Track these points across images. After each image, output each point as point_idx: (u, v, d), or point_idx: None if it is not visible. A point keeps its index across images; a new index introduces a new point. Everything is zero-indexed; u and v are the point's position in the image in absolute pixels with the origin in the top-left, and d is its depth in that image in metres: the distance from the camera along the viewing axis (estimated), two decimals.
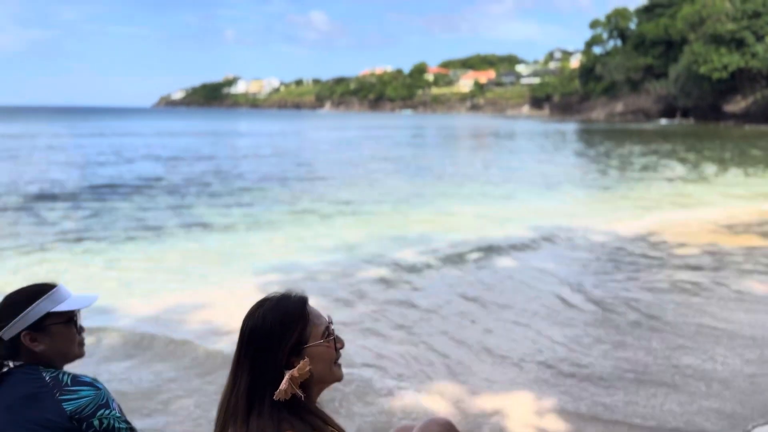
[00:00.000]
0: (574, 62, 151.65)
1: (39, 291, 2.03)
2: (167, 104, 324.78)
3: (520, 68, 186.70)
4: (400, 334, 6.27)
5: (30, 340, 1.97)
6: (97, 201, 15.92)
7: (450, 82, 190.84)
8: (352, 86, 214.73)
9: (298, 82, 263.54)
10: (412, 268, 9.03)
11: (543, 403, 4.68)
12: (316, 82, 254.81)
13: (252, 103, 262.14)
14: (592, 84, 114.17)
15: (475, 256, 9.79)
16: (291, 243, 11.08)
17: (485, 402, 4.71)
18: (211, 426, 1.64)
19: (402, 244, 10.72)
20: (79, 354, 2.12)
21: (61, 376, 1.97)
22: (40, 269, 8.97)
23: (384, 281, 8.38)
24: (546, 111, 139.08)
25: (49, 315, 1.99)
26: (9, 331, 1.95)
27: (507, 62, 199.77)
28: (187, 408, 4.68)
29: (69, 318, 2.05)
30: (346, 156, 32.30)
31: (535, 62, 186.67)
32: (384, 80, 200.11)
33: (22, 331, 1.95)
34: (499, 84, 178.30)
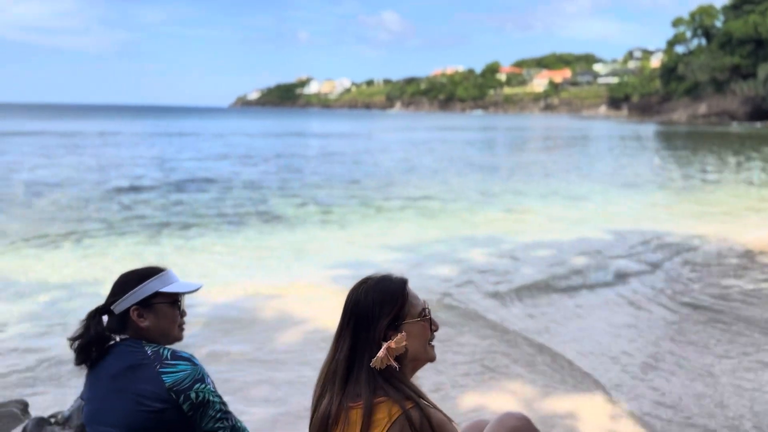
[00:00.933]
0: (655, 62, 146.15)
1: (151, 272, 2.17)
2: (243, 104, 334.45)
3: (598, 67, 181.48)
4: (467, 332, 6.27)
5: (137, 316, 2.10)
6: (179, 194, 16.67)
7: (523, 82, 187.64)
8: (423, 86, 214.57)
9: (369, 83, 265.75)
10: (482, 268, 8.99)
11: (618, 408, 4.58)
12: (386, 82, 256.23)
13: (324, 103, 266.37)
14: (673, 84, 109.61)
15: (547, 257, 9.63)
16: (361, 239, 11.23)
17: (557, 403, 4.65)
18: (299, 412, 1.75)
19: (472, 244, 10.67)
20: (179, 337, 2.26)
21: (161, 350, 2.10)
22: (125, 257, 9.50)
23: (453, 280, 8.37)
24: (624, 112, 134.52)
25: (158, 294, 2.13)
26: (120, 305, 2.10)
27: (584, 61, 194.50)
28: (261, 392, 4.85)
29: (174, 300, 2.19)
30: (417, 156, 32.35)
31: (614, 61, 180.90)
32: (455, 80, 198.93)
33: (132, 306, 2.11)
34: (574, 84, 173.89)
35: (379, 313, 1.68)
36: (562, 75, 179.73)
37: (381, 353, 1.63)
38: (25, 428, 3.21)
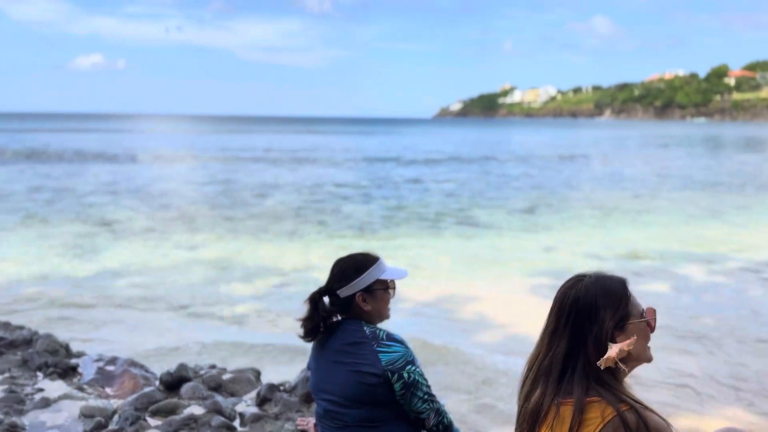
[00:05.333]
0: None
1: (368, 259, 2.42)
2: (446, 115, 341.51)
3: None
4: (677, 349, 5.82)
5: (362, 300, 2.35)
6: (384, 198, 17.64)
7: (756, 87, 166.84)
8: (637, 92, 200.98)
9: (576, 90, 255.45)
10: (700, 284, 8.26)
11: None
12: (595, 89, 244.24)
13: (526, 112, 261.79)
14: None
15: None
16: (565, 248, 10.95)
17: None
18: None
19: (689, 259, 9.83)
20: (388, 316, 2.48)
21: (378, 331, 2.32)
22: (337, 251, 10.33)
23: (668, 295, 7.81)
24: None
25: (377, 281, 2.37)
26: (346, 291, 2.35)
27: None
28: (456, 385, 5.00)
29: (388, 285, 2.42)
30: (628, 167, 30.46)
31: None
32: (674, 85, 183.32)
33: (357, 292, 2.36)
34: None
35: (604, 311, 1.65)
36: None
37: (613, 353, 1.60)
38: (259, 392, 3.70)
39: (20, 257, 9.90)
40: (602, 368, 1.60)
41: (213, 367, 4.31)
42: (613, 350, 1.60)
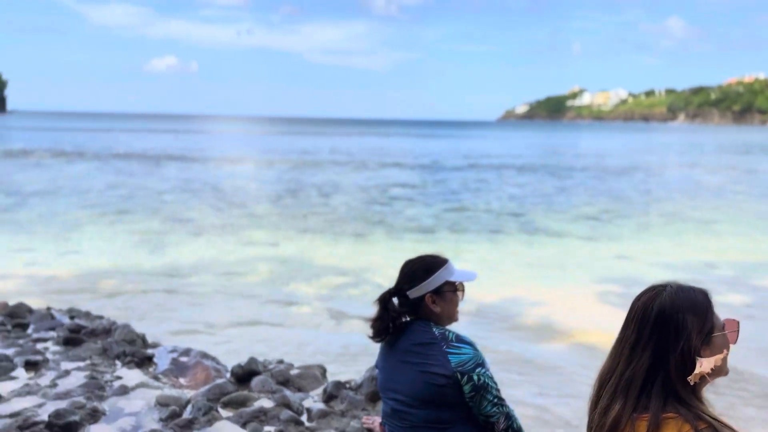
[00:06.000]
0: None
1: (437, 261, 2.41)
2: (510, 118, 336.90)
3: None
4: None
5: (431, 302, 2.33)
6: (446, 199, 17.58)
7: None
8: (713, 96, 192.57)
9: (649, 93, 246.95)
10: None
11: None
12: (669, 92, 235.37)
13: (596, 115, 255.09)
14: None
15: None
16: (636, 256, 10.63)
17: None
18: None
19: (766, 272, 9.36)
20: (457, 318, 2.47)
21: (447, 333, 2.32)
22: (402, 252, 10.37)
23: (743, 308, 7.46)
24: None
25: (446, 283, 2.36)
26: (416, 292, 2.34)
27: None
28: (523, 392, 4.93)
29: (456, 287, 2.41)
30: (706, 174, 29.23)
31: None
32: (754, 89, 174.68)
33: (427, 293, 2.36)
34: None
35: (690, 324, 1.58)
36: None
37: (705, 368, 1.56)
38: (325, 389, 3.77)
39: (100, 250, 10.41)
40: (691, 383, 1.55)
41: (281, 362, 4.41)
42: (704, 365, 1.54)
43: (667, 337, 1.59)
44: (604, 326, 6.15)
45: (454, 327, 2.45)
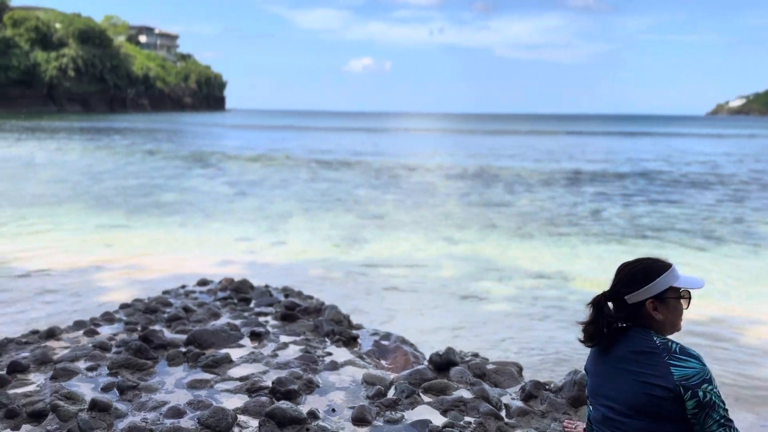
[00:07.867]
0: None
1: (660, 265, 2.27)
2: (722, 113, 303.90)
3: None
4: None
5: (652, 308, 2.21)
6: (646, 202, 16.40)
7: None
8: None
9: None
10: None
11: None
12: None
13: None
14: None
15: None
16: None
17: None
18: None
19: None
20: (680, 327, 2.31)
21: (670, 343, 2.17)
22: (597, 257, 9.91)
23: None
24: None
25: (670, 288, 2.23)
26: (635, 297, 2.23)
27: None
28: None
29: (681, 294, 2.26)
30: None
31: None
32: None
33: (648, 298, 2.24)
34: None
35: None
36: None
37: None
38: (524, 387, 3.75)
39: (303, 242, 11.30)
40: None
41: (476, 355, 4.48)
42: None
43: None
44: None
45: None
